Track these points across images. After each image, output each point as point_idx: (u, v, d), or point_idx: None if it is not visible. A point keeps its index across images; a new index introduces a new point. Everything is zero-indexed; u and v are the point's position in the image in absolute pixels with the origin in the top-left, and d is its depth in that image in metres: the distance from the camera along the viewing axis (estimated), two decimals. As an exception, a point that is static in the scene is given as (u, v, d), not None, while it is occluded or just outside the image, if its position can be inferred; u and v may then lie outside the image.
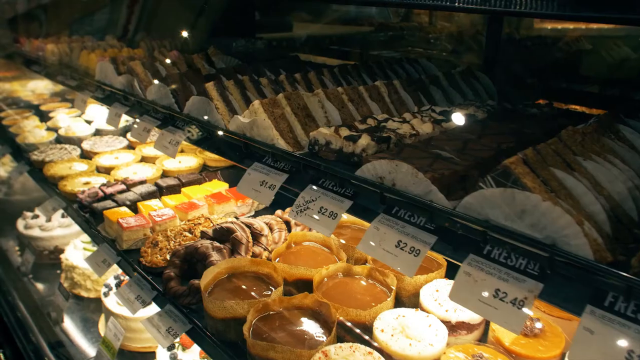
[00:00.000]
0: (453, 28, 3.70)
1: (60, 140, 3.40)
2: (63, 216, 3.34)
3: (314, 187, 1.54)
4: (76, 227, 3.26)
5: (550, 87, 2.75)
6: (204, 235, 1.96)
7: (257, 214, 2.53)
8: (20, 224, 3.55)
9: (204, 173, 2.79)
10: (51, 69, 3.11)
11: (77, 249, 3.14)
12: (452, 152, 1.45)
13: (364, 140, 1.48)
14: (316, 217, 1.50)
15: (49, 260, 3.40)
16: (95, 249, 3.09)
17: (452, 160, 1.40)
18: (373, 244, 1.36)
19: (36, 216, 3.50)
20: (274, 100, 1.69)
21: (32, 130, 3.32)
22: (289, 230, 2.11)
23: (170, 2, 4.08)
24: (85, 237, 3.21)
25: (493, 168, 1.19)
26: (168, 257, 1.98)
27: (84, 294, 3.05)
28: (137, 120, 2.24)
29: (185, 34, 3.86)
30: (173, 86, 2.02)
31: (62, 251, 3.27)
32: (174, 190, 2.61)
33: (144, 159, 3.11)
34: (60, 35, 4.22)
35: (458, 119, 1.79)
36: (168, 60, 2.71)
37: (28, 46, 3.44)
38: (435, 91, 2.17)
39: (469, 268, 1.21)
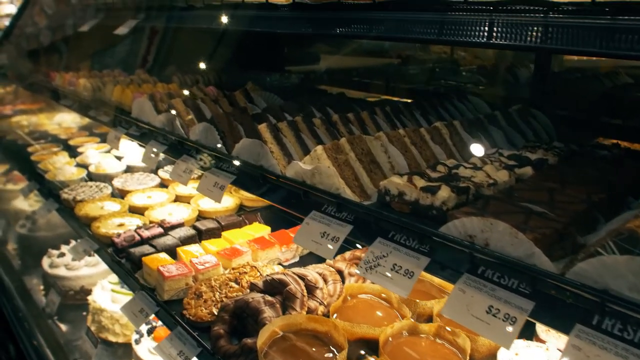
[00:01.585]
0: (486, 61, 3.59)
1: (90, 177, 3.30)
2: (89, 254, 3.22)
3: (385, 241, 1.41)
4: (103, 266, 3.13)
5: (602, 122, 2.62)
6: (253, 287, 1.83)
7: (302, 259, 2.40)
8: (45, 262, 3.43)
9: (243, 215, 2.66)
10: (83, 103, 3.03)
11: (104, 290, 3.02)
12: (542, 206, 1.31)
13: (444, 193, 1.35)
14: (389, 275, 1.36)
15: (75, 300, 3.27)
16: (124, 290, 2.97)
17: (546, 215, 1.26)
18: (460, 309, 1.22)
19: (62, 254, 3.38)
20: (337, 145, 1.57)
21: (63, 168, 3.23)
22: (343, 280, 1.97)
23: (194, 34, 4.00)
24: (113, 278, 3.08)
25: (590, 224, 1.07)
26: (214, 310, 1.84)
27: (111, 338, 2.90)
28: (178, 161, 2.13)
29: (213, 66, 3.79)
30: (220, 127, 1.90)
31: (88, 292, 3.14)
32: (213, 234, 2.49)
33: (178, 198, 2.99)
34: (82, 66, 4.17)
35: (531, 164, 1.66)
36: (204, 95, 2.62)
37: (59, 80, 3.37)
38: (495, 131, 2.04)
39: (577, 341, 1.06)
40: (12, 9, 6.73)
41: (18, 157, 4.12)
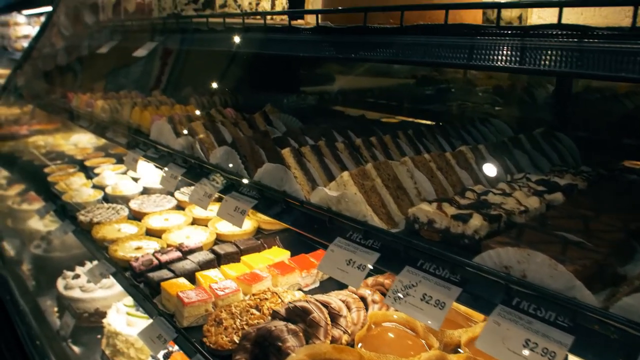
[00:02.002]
0: (501, 81, 3.56)
1: (107, 199, 3.29)
2: (106, 277, 3.19)
3: (413, 269, 1.37)
4: (118, 288, 3.10)
5: (626, 145, 2.57)
6: (275, 315, 1.79)
7: (322, 285, 2.35)
8: (60, 283, 3.41)
9: (262, 239, 2.63)
10: (100, 125, 3.03)
11: (119, 313, 2.98)
12: (578, 235, 1.27)
13: (476, 221, 1.31)
14: (420, 306, 1.32)
15: (90, 323, 3.24)
16: (139, 313, 2.93)
17: (584, 245, 1.22)
18: (495, 342, 1.17)
19: (77, 276, 3.36)
20: (363, 171, 1.54)
21: (79, 189, 3.22)
22: (366, 308, 1.93)
23: (208, 54, 4.01)
24: (129, 300, 3.05)
25: (628, 254, 1.02)
26: (235, 338, 1.80)
27: (126, 362, 2.87)
28: (198, 184, 2.11)
29: (228, 87, 3.79)
30: (242, 150, 1.88)
31: (103, 314, 3.11)
32: (232, 258, 2.46)
33: (195, 221, 2.97)
34: (96, 86, 4.19)
35: (561, 190, 1.62)
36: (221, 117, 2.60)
37: (76, 101, 3.38)
38: (520, 155, 2.00)
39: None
40: (29, 30, 6.83)
41: (34, 178, 4.12)
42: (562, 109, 2.58)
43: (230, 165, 1.93)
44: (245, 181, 1.82)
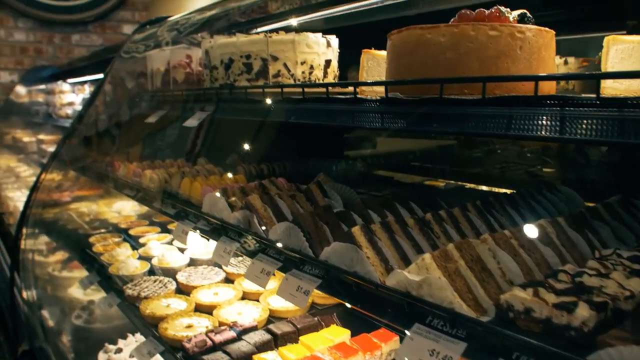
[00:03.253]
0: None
1: (153, 271, 3.21)
2: (152, 355, 3.07)
3: (507, 364, 1.23)
4: (161, 363, 2.96)
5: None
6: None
7: (386, 367, 2.20)
8: (101, 357, 3.30)
9: (319, 316, 2.49)
10: (149, 195, 2.99)
11: (164, 392, 2.84)
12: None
13: (584, 312, 1.17)
14: (521, 408, 1.17)
15: (131, 401, 3.10)
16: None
17: None
18: None
19: (119, 350, 3.25)
20: (445, 252, 1.42)
21: (126, 261, 3.15)
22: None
23: (251, 122, 4.00)
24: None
25: None
26: None
27: None
28: (255, 261, 2.01)
29: (272, 153, 3.75)
30: (305, 227, 1.79)
31: (146, 392, 2.97)
32: (290, 338, 2.32)
33: (245, 295, 2.85)
34: (134, 150, 4.20)
35: (662, 269, 1.47)
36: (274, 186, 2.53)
37: (123, 170, 3.37)
38: (601, 227, 1.86)
39: None
40: (73, 98, 7.02)
41: (77, 246, 4.09)
42: (634, 172, 2.44)
43: (292, 242, 1.83)
44: (310, 260, 1.72)
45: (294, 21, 3.00)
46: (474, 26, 1.55)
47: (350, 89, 1.92)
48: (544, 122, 1.29)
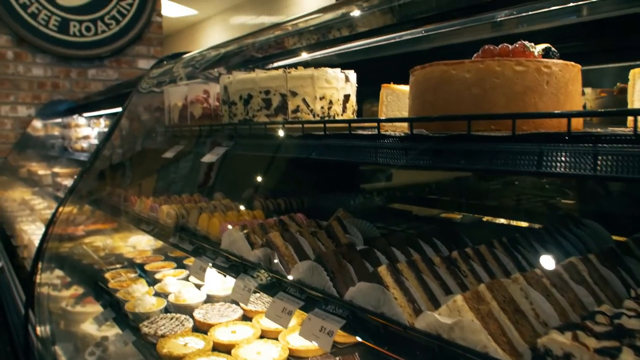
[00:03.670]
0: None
1: (169, 308, 3.17)
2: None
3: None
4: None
5: None
6: None
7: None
8: (116, 396, 3.24)
9: (340, 356, 2.43)
10: (165, 230, 2.97)
11: None
12: None
13: (629, 357, 1.12)
14: None
15: None
16: None
17: None
18: None
19: (134, 389, 3.18)
20: (477, 293, 1.38)
21: (142, 298, 3.12)
22: None
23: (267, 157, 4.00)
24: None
25: None
26: None
27: None
28: (276, 299, 1.97)
29: (288, 187, 3.73)
30: (329, 266, 1.75)
31: None
32: (312, 380, 2.28)
33: (264, 333, 2.80)
34: (147, 182, 4.20)
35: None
36: (293, 222, 2.50)
37: (139, 205, 3.36)
38: (634, 264, 1.81)
39: None
40: (89, 132, 7.08)
41: (92, 281, 4.07)
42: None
43: (315, 281, 1.79)
44: (335, 300, 1.68)
45: (308, 56, 3.01)
46: (500, 62, 1.53)
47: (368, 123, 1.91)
48: (577, 159, 1.26)
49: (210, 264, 2.49)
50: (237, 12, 15.33)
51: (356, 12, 2.56)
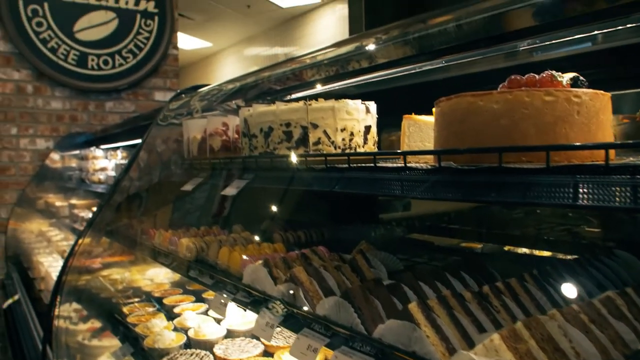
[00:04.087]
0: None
1: (189, 344, 3.12)
2: None
3: None
4: None
5: None
6: None
7: None
8: None
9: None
10: (185, 264, 2.94)
11: None
12: None
13: (682, 402, 1.06)
14: None
15: None
16: None
17: None
18: None
19: None
20: (514, 332, 1.33)
21: (162, 333, 3.07)
22: None
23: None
24: None
25: None
26: None
27: None
28: (300, 336, 1.92)
29: (306, 218, 3.70)
30: (356, 302, 1.70)
31: None
32: (337, 419, 2.20)
33: (285, 369, 2.74)
34: (163, 212, 4.18)
35: None
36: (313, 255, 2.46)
37: (158, 238, 3.34)
38: (672, 298, 1.74)
39: None
40: (106, 163, 7.14)
41: (110, 315, 4.03)
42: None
43: (342, 317, 1.75)
44: (363, 337, 1.63)
45: (326, 87, 3.01)
46: (529, 92, 1.51)
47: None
48: (616, 191, 1.22)
49: (232, 299, 2.46)
50: (250, 44, 15.56)
51: (372, 46, 2.55)
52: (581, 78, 1.67)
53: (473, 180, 1.50)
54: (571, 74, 1.70)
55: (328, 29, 12.13)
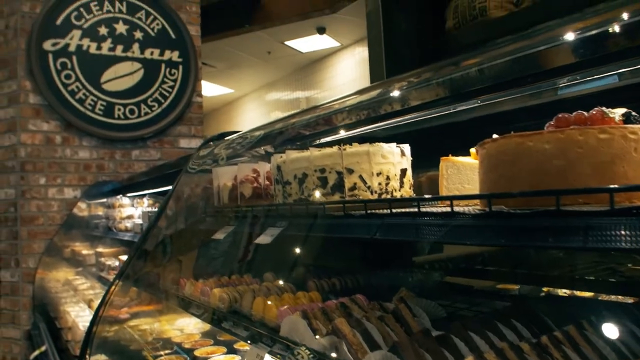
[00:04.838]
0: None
1: (224, 397, 3.02)
2: None
3: None
4: None
5: None
6: None
7: None
8: None
9: None
10: (217, 315, 2.87)
11: None
12: None
13: None
14: None
15: None
16: None
17: None
18: None
19: None
20: (586, 389, 1.22)
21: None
22: None
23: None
24: None
25: None
26: None
27: None
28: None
29: (337, 264, 3.61)
30: (406, 357, 1.61)
31: None
32: None
33: None
34: (188, 258, 4.12)
35: None
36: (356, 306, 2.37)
37: (189, 288, 3.28)
38: None
39: None
40: (132, 211, 7.16)
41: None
42: None
43: (391, 372, 1.66)
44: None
45: (355, 131, 2.97)
46: (582, 130, 1.45)
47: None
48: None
49: (268, 351, 2.37)
50: (271, 89, 15.78)
51: (396, 92, 2.50)
52: (633, 113, 1.61)
53: (527, 224, 1.42)
54: (622, 110, 1.63)
55: (348, 72, 12.25)
